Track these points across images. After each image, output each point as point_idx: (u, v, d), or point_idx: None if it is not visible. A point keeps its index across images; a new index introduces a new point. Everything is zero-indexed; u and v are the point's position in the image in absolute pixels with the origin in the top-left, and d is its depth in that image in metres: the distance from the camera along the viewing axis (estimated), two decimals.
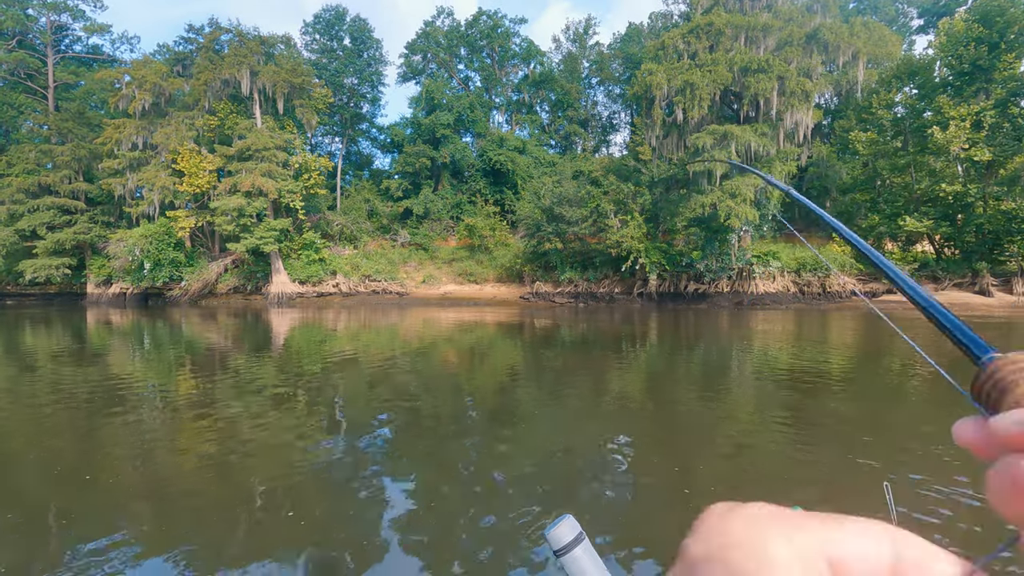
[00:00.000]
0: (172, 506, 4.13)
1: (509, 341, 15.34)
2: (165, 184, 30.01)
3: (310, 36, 40.38)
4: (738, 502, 0.29)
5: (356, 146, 45.20)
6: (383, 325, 19.99)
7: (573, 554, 1.54)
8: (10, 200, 31.15)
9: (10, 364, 11.23)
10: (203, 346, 14.48)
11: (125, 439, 5.90)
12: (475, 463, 5.15)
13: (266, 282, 32.16)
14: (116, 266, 31.50)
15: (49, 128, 34.61)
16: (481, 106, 42.25)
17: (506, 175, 39.11)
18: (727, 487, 4.40)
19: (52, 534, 3.70)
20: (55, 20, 39.63)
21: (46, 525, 3.85)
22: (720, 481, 4.50)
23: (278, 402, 7.65)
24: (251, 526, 3.78)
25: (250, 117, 32.24)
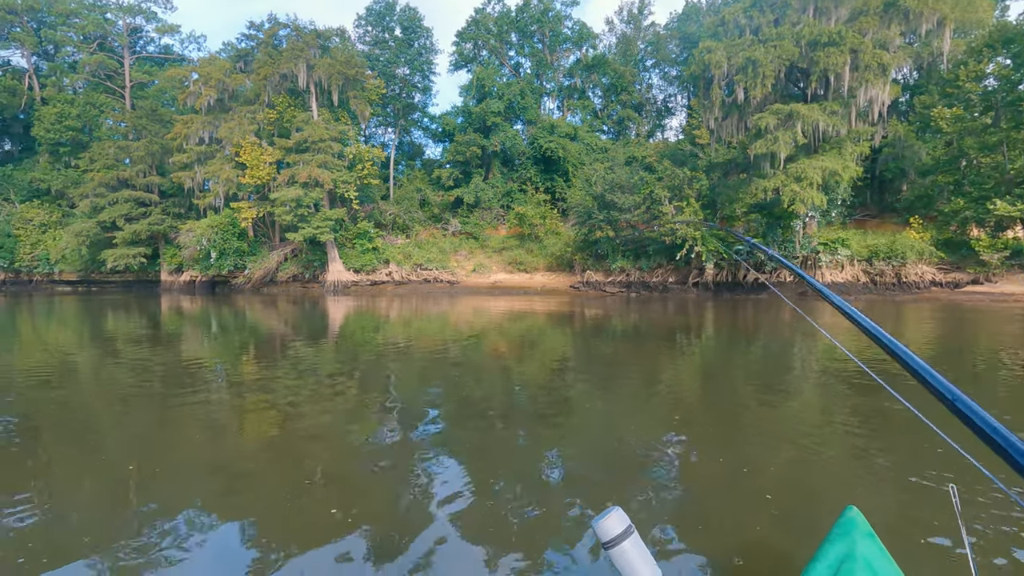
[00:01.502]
0: (236, 483, 4.31)
1: (559, 331, 15.10)
2: (229, 176, 31.36)
3: (362, 29, 41.01)
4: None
5: (408, 136, 45.75)
6: (434, 313, 20.16)
7: (622, 547, 1.55)
8: (93, 194, 33.44)
9: (95, 347, 11.99)
10: (265, 331, 15.02)
11: (195, 418, 6.15)
12: (525, 453, 5.05)
13: (323, 270, 33.19)
14: (186, 255, 33.34)
15: (126, 125, 36.85)
16: (532, 93, 41.76)
17: (557, 162, 38.59)
18: (789, 486, 4.04)
19: (131, 504, 3.92)
20: (130, 23, 42.05)
21: (126, 495, 4.07)
22: (781, 479, 4.14)
23: (334, 387, 7.77)
24: (309, 506, 3.85)
25: (307, 110, 33.14)
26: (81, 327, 15.90)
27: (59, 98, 38.44)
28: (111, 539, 3.35)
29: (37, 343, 12.67)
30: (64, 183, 36.56)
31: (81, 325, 16.41)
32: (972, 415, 0.53)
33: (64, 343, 12.68)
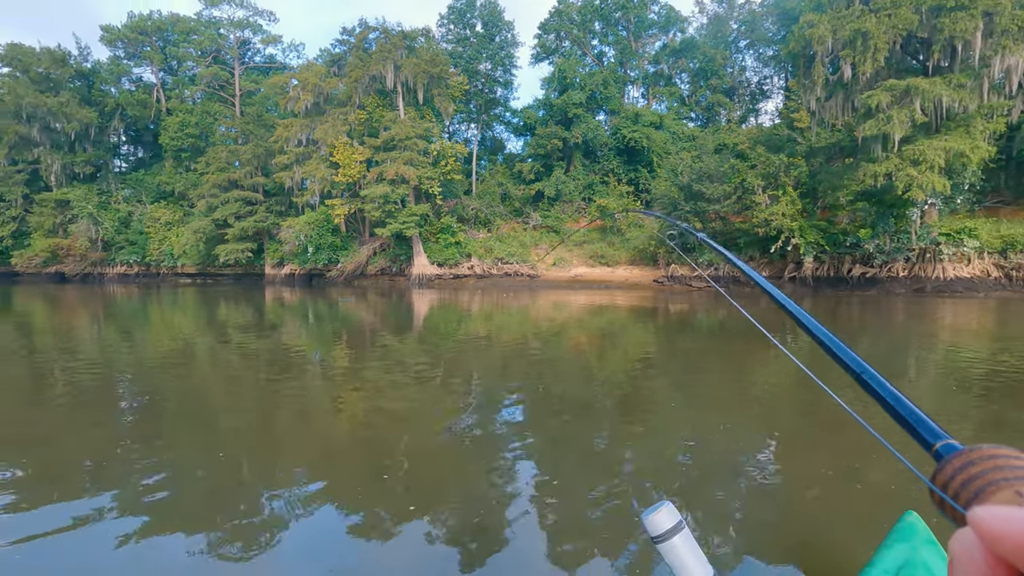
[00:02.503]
0: (326, 464, 4.58)
1: (641, 326, 14.63)
2: (324, 175, 33.33)
3: (445, 27, 41.87)
4: None
5: (491, 131, 46.28)
6: (514, 307, 20.27)
7: (672, 542, 1.54)
8: (208, 194, 36.85)
9: (210, 334, 13.19)
10: (355, 322, 15.82)
11: (292, 401, 6.60)
12: (601, 448, 4.95)
13: (408, 264, 34.46)
14: (286, 250, 35.93)
15: (236, 131, 40.21)
16: (615, 82, 40.74)
17: (641, 153, 37.45)
18: (892, 501, 3.59)
19: (237, 479, 4.25)
20: (240, 36, 45.74)
21: (234, 471, 4.42)
22: (881, 495, 3.68)
23: (419, 376, 8.00)
24: (390, 489, 4.03)
25: (394, 109, 34.43)
26: (198, 316, 17.57)
27: (181, 108, 42.67)
28: (220, 511, 3.66)
29: (164, 330, 14.13)
30: (185, 185, 40.56)
31: (198, 314, 18.14)
32: (877, 387, 0.60)
33: (185, 330, 14.05)
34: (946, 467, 0.40)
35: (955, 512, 0.36)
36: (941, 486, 0.38)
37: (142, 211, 42.36)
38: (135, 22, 43.91)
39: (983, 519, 0.28)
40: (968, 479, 0.37)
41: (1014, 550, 0.26)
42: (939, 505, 0.39)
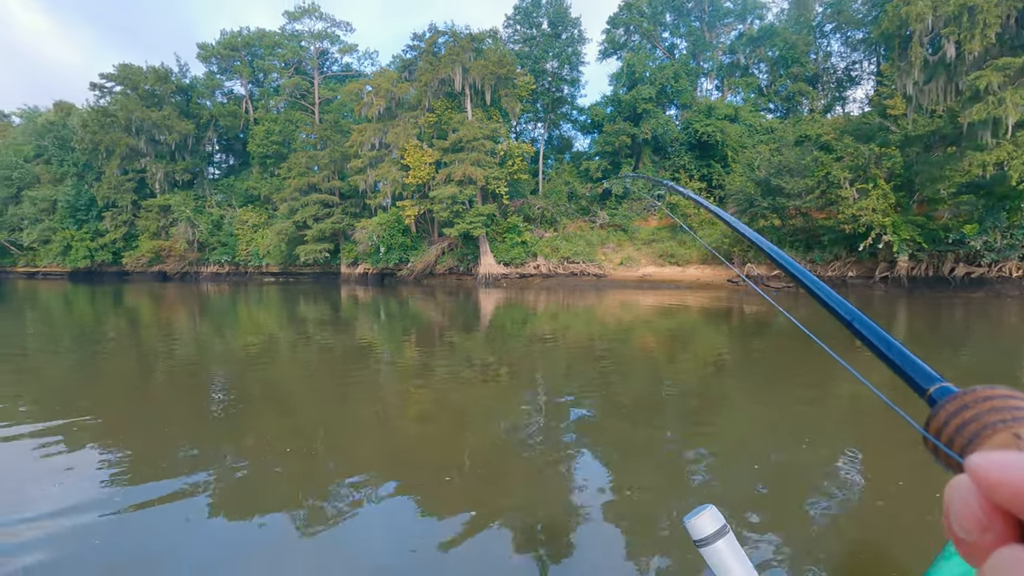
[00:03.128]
0: (395, 454, 4.78)
1: (714, 328, 14.02)
2: (395, 178, 34.46)
3: (511, 28, 42.00)
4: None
5: (557, 130, 46.04)
6: (581, 307, 20.04)
7: (715, 547, 1.51)
8: (289, 198, 39.10)
9: (291, 329, 13.98)
10: (424, 320, 16.23)
11: (364, 394, 6.86)
12: (668, 453, 4.81)
13: (475, 264, 34.96)
14: (360, 250, 37.48)
15: (315, 137, 42.39)
16: (687, 75, 39.33)
17: (714, 147, 35.93)
18: None
19: (313, 465, 4.49)
20: (319, 47, 48.19)
21: (310, 458, 4.67)
22: None
23: (485, 375, 8.07)
24: (458, 483, 4.10)
25: (462, 111, 35.02)
26: (281, 312, 18.67)
27: (266, 118, 45.52)
28: (293, 496, 3.87)
29: (251, 326, 15.13)
30: (270, 189, 43.25)
31: (281, 311, 19.28)
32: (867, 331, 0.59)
33: (269, 326, 14.96)
34: (939, 412, 0.38)
35: (950, 460, 0.35)
36: (935, 432, 0.37)
37: (232, 214, 45.59)
38: (227, 39, 47.32)
39: (979, 466, 0.28)
40: (963, 423, 0.35)
41: (1012, 497, 0.26)
42: (933, 452, 0.37)
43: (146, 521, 3.49)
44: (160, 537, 3.32)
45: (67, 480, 4.07)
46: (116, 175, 44.95)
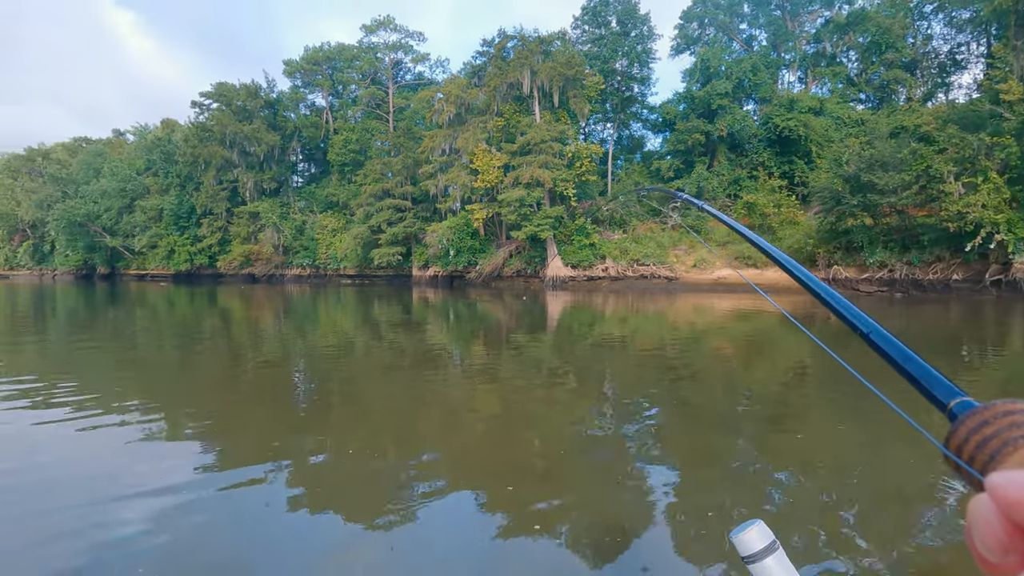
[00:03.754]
0: (463, 454, 4.83)
1: (795, 334, 13.15)
2: (464, 182, 35.11)
3: (579, 29, 41.63)
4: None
5: (627, 130, 45.18)
6: (651, 310, 19.49)
7: (764, 563, 1.47)
8: (365, 203, 40.82)
9: (366, 329, 14.56)
10: (492, 322, 16.38)
11: (434, 394, 7.03)
12: (746, 467, 4.51)
13: (543, 266, 34.93)
14: (430, 253, 38.50)
15: (389, 144, 44.04)
16: (766, 67, 37.37)
17: (796, 143, 33.88)
18: None
19: (386, 460, 4.66)
20: (394, 58, 50.09)
21: (383, 453, 4.83)
22: None
23: (552, 378, 8.00)
24: (524, 487, 4.06)
25: (530, 114, 35.14)
26: (356, 313, 19.49)
27: (344, 127, 47.83)
28: (367, 489, 4.03)
29: (329, 325, 15.89)
30: (347, 196, 45.37)
31: (356, 311, 20.13)
32: (885, 344, 0.58)
33: (346, 326, 15.65)
34: (960, 428, 0.36)
35: (971, 478, 0.33)
36: (956, 449, 0.35)
37: (313, 220, 48.24)
38: (310, 54, 50.20)
39: (999, 485, 0.26)
40: (983, 440, 0.34)
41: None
42: (955, 470, 0.36)
43: (230, 504, 3.75)
44: (241, 519, 3.56)
45: (162, 463, 4.44)
46: (212, 185, 48.84)
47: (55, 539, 3.21)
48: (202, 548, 3.19)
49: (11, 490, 3.92)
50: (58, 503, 3.71)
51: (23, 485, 4.03)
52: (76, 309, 21.46)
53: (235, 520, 3.54)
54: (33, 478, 4.17)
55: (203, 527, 3.42)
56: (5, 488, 3.95)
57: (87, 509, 3.62)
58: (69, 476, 4.23)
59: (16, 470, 4.32)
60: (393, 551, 3.14)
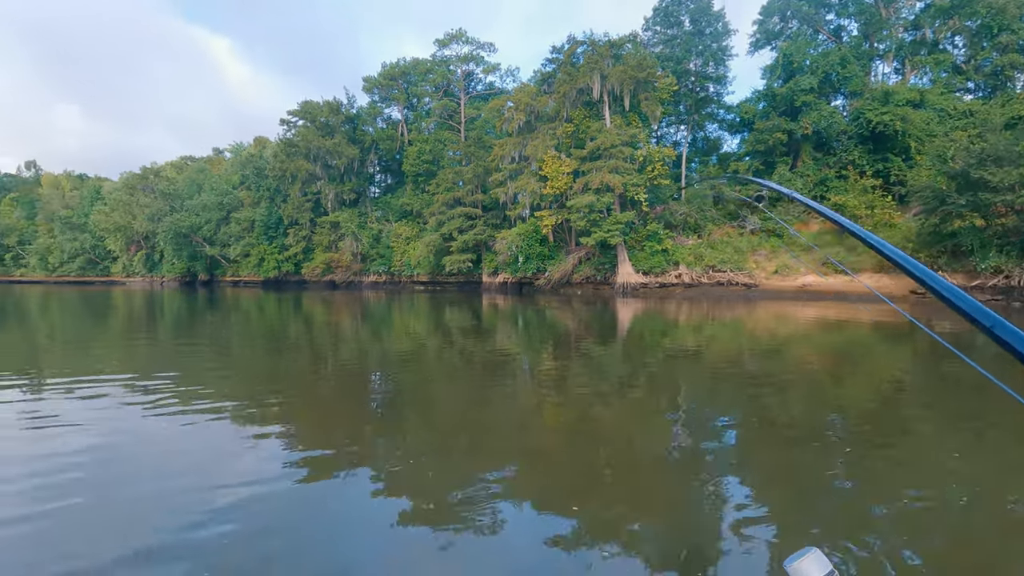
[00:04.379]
0: (533, 463, 4.82)
1: (893, 347, 12.08)
2: (534, 189, 35.23)
3: (651, 31, 40.73)
4: None
5: (702, 131, 43.60)
6: (728, 318, 18.61)
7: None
8: (437, 212, 41.95)
9: (438, 335, 14.90)
10: (561, 329, 16.25)
11: (504, 400, 7.02)
12: (838, 488, 4.17)
13: (613, 273, 34.30)
14: (500, 260, 38.89)
15: (460, 154, 45.07)
16: (857, 59, 34.84)
17: (892, 138, 31.25)
18: None
19: (458, 462, 4.79)
20: (465, 69, 51.31)
21: (455, 455, 4.96)
22: None
23: (623, 387, 7.79)
24: (595, 498, 4.00)
25: (600, 119, 34.75)
26: (429, 319, 20.00)
27: (418, 139, 49.49)
28: (439, 490, 4.10)
29: (403, 330, 16.40)
30: (421, 205, 46.85)
31: (429, 317, 20.66)
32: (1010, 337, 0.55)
33: (419, 331, 16.10)
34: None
35: None
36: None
37: (389, 229, 50.19)
38: (387, 70, 52.47)
39: None
40: None
41: None
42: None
43: (313, 494, 3.99)
44: (325, 509, 3.77)
45: (253, 454, 4.75)
46: (298, 197, 52.06)
47: (150, 515, 3.56)
48: (279, 533, 3.43)
49: (126, 467, 4.31)
50: (160, 486, 4.10)
51: (138, 468, 4.43)
52: (180, 313, 23.53)
53: (316, 512, 3.73)
54: (142, 463, 4.59)
55: (282, 513, 3.69)
56: (118, 466, 4.35)
57: (187, 493, 3.98)
58: (170, 461, 4.60)
59: (129, 457, 4.75)
60: (453, 552, 3.17)
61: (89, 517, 3.61)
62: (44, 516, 3.60)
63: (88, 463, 4.59)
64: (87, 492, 3.98)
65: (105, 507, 3.77)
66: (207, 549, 3.19)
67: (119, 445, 5.13)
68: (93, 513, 3.67)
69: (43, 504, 3.75)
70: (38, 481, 4.17)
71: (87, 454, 4.81)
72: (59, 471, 4.35)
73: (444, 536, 3.38)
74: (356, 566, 3.08)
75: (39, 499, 3.84)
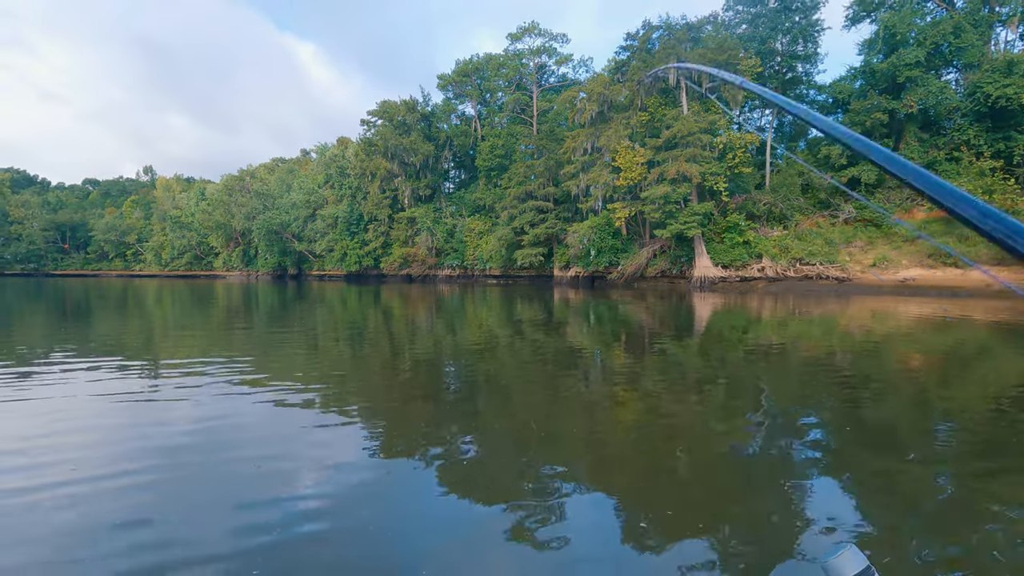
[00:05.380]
0: (603, 461, 4.71)
1: (1013, 349, 10.76)
2: (606, 181, 34.59)
3: (732, 11, 38.56)
4: None
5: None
6: (816, 315, 17.39)
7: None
8: (509, 206, 42.26)
9: (510, 328, 15.03)
10: (635, 324, 15.88)
11: (574, 395, 6.97)
12: (949, 502, 3.80)
13: (689, 266, 33.06)
14: (571, 254, 38.58)
15: (532, 148, 45.08)
16: (975, 26, 31.25)
17: (1016, 114, 27.82)
18: None
19: (526, 456, 4.73)
20: (538, 62, 51.17)
21: (524, 449, 4.92)
22: None
23: (699, 385, 7.49)
24: (668, 499, 3.89)
25: (677, 106, 33.47)
26: (501, 312, 20.21)
27: (491, 134, 50.02)
28: (516, 487, 4.09)
29: (475, 324, 16.69)
30: (493, 199, 47.40)
31: (501, 311, 20.88)
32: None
33: (491, 324, 16.31)
34: None
35: None
36: None
37: (462, 223, 51.23)
38: (460, 67, 53.40)
39: None
40: None
41: None
42: None
43: (387, 488, 4.09)
44: (399, 501, 3.86)
45: (329, 446, 4.99)
46: (377, 194, 54.31)
47: (231, 490, 3.81)
48: (346, 516, 3.57)
49: (222, 446, 4.70)
50: (236, 469, 4.40)
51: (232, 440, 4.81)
52: (273, 304, 25.31)
53: (390, 504, 3.83)
54: (237, 439, 4.97)
55: (351, 499, 3.83)
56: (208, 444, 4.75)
57: (262, 479, 4.21)
58: (252, 442, 4.95)
59: (224, 438, 5.17)
60: (529, 548, 3.16)
61: (176, 488, 3.97)
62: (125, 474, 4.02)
63: (184, 447, 5.06)
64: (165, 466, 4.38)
65: (185, 481, 4.13)
66: (283, 525, 3.37)
67: (215, 428, 5.58)
68: (177, 485, 4.04)
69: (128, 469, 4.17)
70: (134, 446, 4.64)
71: (184, 436, 5.31)
72: (150, 443, 4.82)
73: (511, 530, 3.39)
74: (422, 555, 3.12)
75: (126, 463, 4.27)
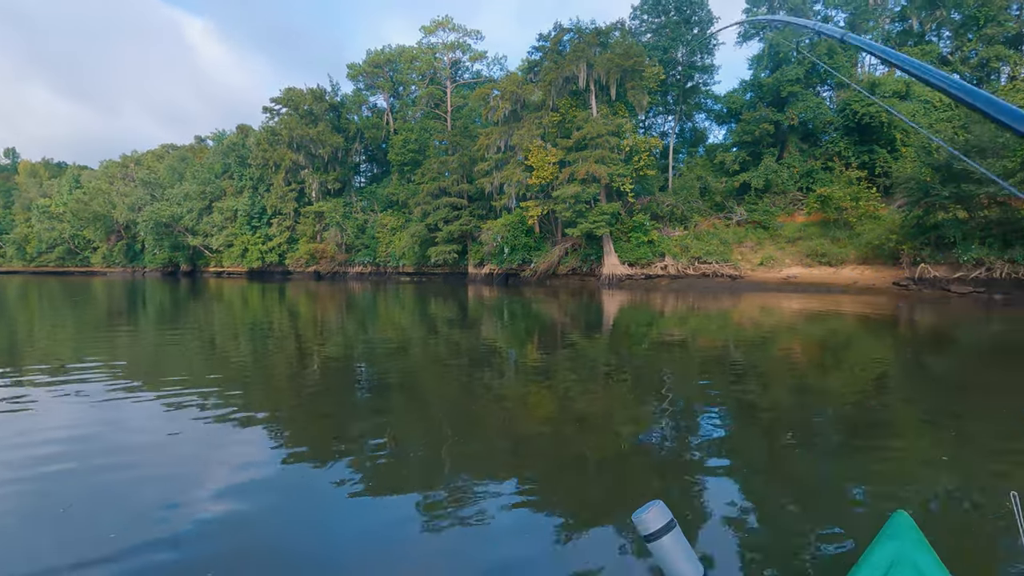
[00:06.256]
0: (517, 452, 4.79)
1: (877, 339, 12.09)
2: (519, 179, 34.93)
3: (639, 19, 40.36)
4: None
5: (690, 122, 43.49)
6: (713, 310, 18.59)
7: (662, 542, 1.59)
8: (423, 202, 41.47)
9: (423, 326, 14.67)
10: (547, 321, 16.11)
11: (489, 392, 6.93)
12: (822, 483, 4.13)
13: (598, 264, 34.21)
14: (485, 251, 38.61)
15: (446, 143, 44.56)
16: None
17: (878, 130, 31.38)
18: None
19: (443, 455, 4.66)
20: (452, 57, 50.62)
21: (440, 447, 4.85)
22: None
23: (608, 379, 7.70)
24: (576, 491, 3.98)
25: (586, 108, 34.47)
26: (414, 310, 19.73)
27: (404, 128, 48.83)
28: (430, 481, 4.08)
29: (388, 322, 16.13)
30: (406, 195, 46.31)
31: (414, 309, 20.39)
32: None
33: (403, 323, 15.84)
34: None
35: None
36: None
37: (374, 219, 49.63)
38: (372, 58, 51.60)
39: None
40: None
41: None
42: None
43: (295, 485, 3.99)
44: (307, 501, 3.77)
45: (240, 454, 4.65)
46: (282, 186, 51.20)
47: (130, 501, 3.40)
48: (259, 523, 3.42)
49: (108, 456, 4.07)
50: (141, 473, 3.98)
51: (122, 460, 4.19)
52: (163, 303, 23.01)
53: (305, 509, 3.68)
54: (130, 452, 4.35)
55: (263, 503, 3.69)
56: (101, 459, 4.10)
57: (168, 481, 3.88)
58: (151, 450, 4.38)
59: (111, 446, 4.50)
60: (446, 544, 3.18)
61: (64, 503, 3.39)
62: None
63: (66, 453, 4.49)
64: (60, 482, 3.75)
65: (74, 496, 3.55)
66: (187, 538, 3.19)
67: (99, 435, 4.96)
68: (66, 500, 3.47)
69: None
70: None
71: (65, 444, 4.70)
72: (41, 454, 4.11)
73: (427, 526, 3.39)
74: (338, 555, 3.05)
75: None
